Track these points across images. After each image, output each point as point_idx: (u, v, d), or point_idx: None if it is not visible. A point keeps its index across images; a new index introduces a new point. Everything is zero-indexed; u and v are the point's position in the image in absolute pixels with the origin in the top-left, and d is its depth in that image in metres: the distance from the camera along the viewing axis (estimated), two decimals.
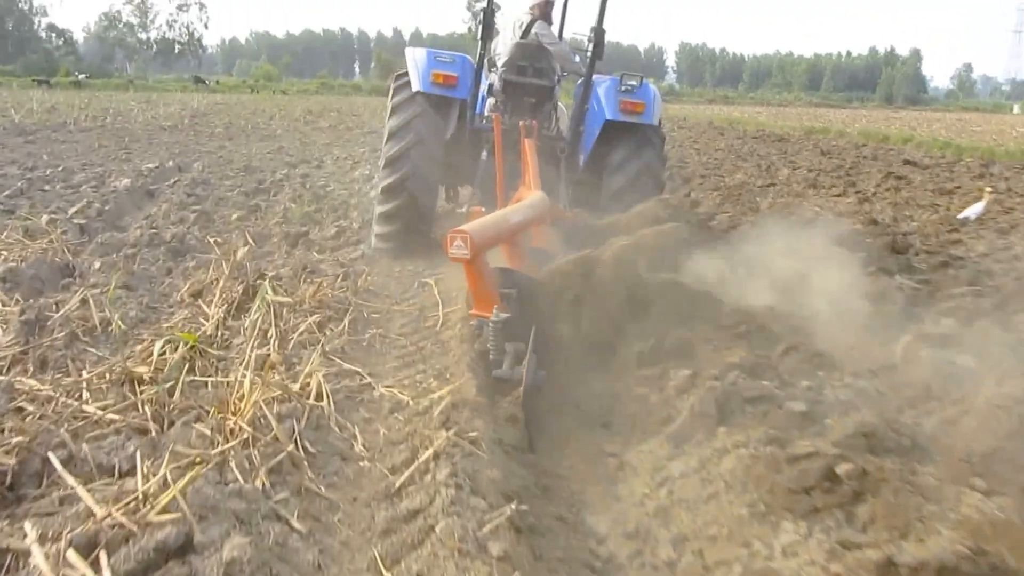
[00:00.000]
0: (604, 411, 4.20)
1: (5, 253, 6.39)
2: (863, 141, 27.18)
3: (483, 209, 5.73)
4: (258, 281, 5.65)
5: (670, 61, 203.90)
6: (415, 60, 7.88)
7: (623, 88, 7.96)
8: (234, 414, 3.59)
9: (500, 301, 4.68)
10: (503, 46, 8.73)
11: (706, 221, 9.47)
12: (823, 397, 3.79)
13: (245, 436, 3.43)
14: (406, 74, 7.98)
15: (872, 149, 23.72)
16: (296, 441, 3.57)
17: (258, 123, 26.38)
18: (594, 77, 8.29)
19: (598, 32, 7.91)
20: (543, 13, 8.60)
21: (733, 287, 5.06)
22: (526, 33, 8.53)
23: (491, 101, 8.72)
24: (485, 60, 8.14)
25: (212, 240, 7.59)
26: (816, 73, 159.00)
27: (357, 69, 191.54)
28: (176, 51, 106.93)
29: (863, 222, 9.62)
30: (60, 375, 4.13)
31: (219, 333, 4.94)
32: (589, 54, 8.12)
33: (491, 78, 8.76)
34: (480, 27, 8.00)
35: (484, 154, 8.23)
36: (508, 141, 7.68)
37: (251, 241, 7.64)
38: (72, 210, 8.66)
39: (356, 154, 17.67)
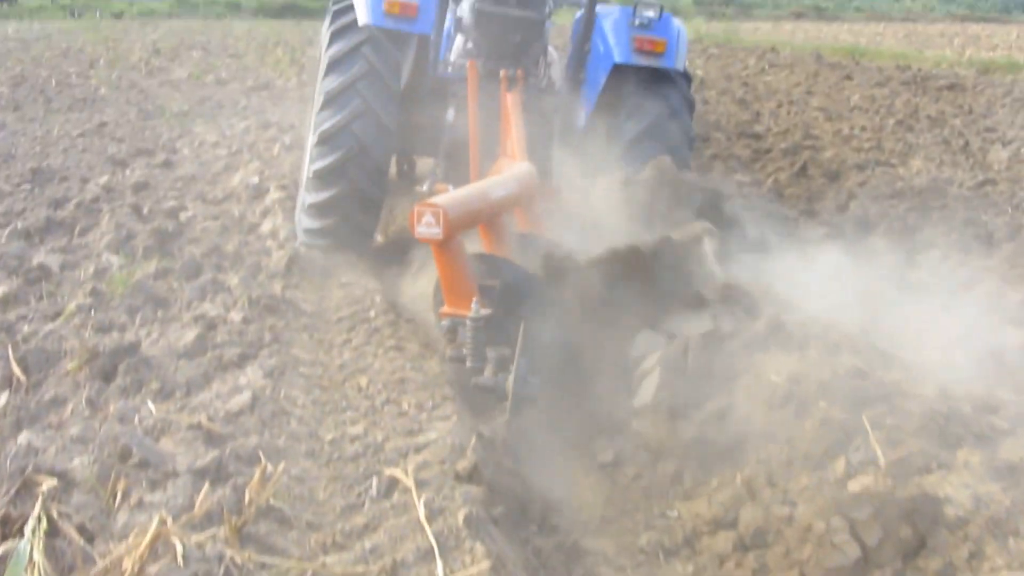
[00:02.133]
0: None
1: None
2: None
3: (449, 187, 6.79)
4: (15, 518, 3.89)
5: None
6: None
7: (636, 22, 8.63)
8: None
9: (479, 295, 5.61)
10: None
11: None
12: None
13: None
14: (348, 7, 8.46)
15: None
16: None
17: (70, 75, 24.88)
18: (598, 8, 9.03)
19: None
20: None
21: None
22: None
23: (460, 40, 9.61)
24: None
25: None
26: None
27: None
28: None
29: None
30: None
31: None
32: None
33: (460, 10, 9.50)
34: None
35: (451, 113, 8.91)
36: (484, 96, 8.38)
37: (16, 372, 5.67)
38: None
39: (235, 132, 16.10)
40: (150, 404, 5.32)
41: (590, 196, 7.93)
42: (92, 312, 7.03)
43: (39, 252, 8.54)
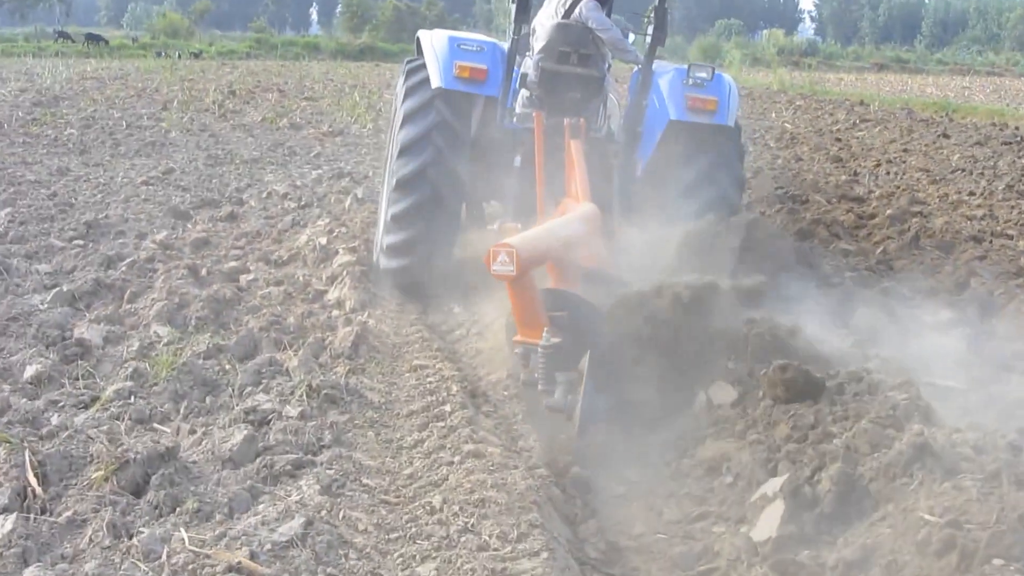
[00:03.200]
0: None
1: None
2: None
3: (518, 226, 7.46)
4: None
5: (806, 3, 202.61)
6: (434, 48, 9.17)
7: (690, 81, 9.29)
8: None
9: (549, 324, 6.20)
10: (541, 27, 9.90)
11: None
12: None
13: None
14: (421, 66, 9.32)
15: None
16: None
17: (141, 116, 24.52)
18: (655, 66, 9.66)
19: (660, 12, 9.37)
20: None
21: None
22: (569, 12, 9.76)
23: (524, 94, 10.05)
24: (518, 46, 9.44)
25: None
26: None
27: (314, 17, 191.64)
28: None
29: None
30: None
31: None
32: (649, 38, 9.58)
33: (525, 67, 10.04)
34: (514, 5, 9.30)
35: (518, 160, 9.53)
36: (549, 144, 8.92)
37: (32, 483, 4.99)
38: None
39: (306, 182, 15.50)
40: (183, 533, 4.45)
41: (649, 237, 8.45)
42: (131, 399, 6.24)
43: (82, 322, 7.76)
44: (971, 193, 16.62)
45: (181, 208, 12.84)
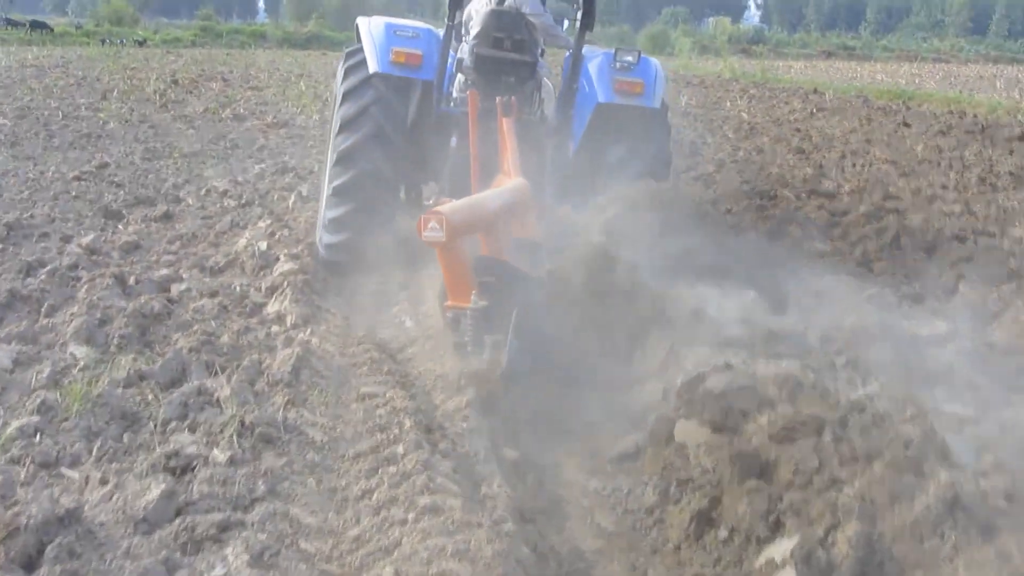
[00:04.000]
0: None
1: None
2: None
3: (449, 201, 7.15)
4: None
5: None
6: (371, 35, 9.57)
7: (618, 65, 9.79)
8: None
9: (478, 290, 6.64)
10: (476, 14, 10.23)
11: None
12: None
13: None
14: (359, 50, 9.67)
15: None
16: None
17: (79, 107, 23.55)
18: (584, 51, 10.04)
19: None
20: None
21: None
22: None
23: (460, 79, 10.37)
24: (453, 32, 9.84)
25: None
26: (981, 9, 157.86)
27: (261, 5, 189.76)
28: None
29: None
30: None
31: None
32: (578, 24, 9.94)
33: (461, 52, 10.30)
34: None
35: (454, 140, 9.78)
36: (483, 125, 9.17)
37: None
38: None
39: (248, 177, 14.75)
40: None
41: (578, 211, 8.94)
42: (37, 437, 5.36)
43: None
44: (944, 187, 16.08)
45: (113, 207, 11.99)
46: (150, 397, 6.05)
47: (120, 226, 11.05)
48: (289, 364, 6.55)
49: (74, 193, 12.77)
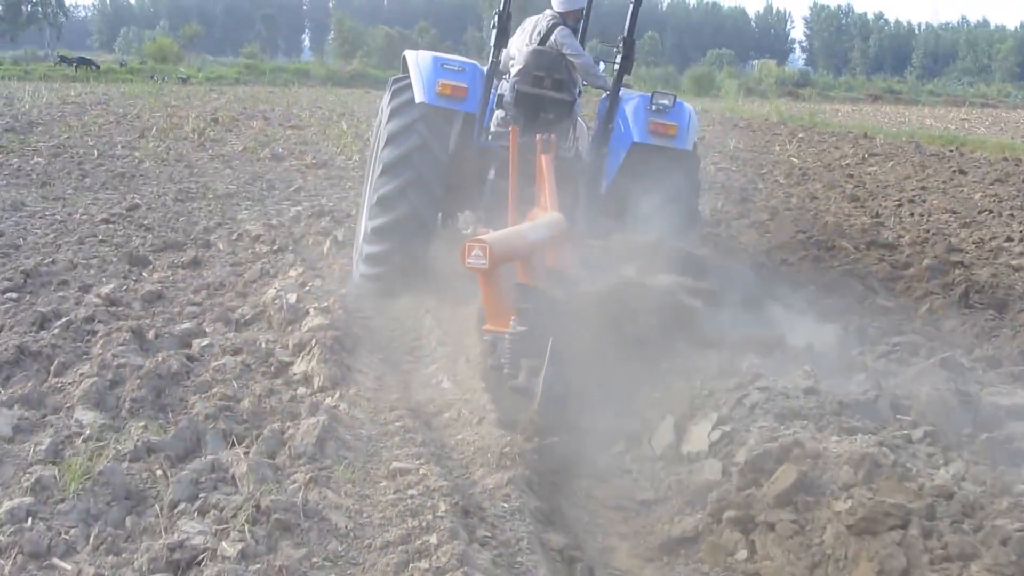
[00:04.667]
0: None
1: None
2: None
3: (490, 231, 7.93)
4: None
5: (796, 33, 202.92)
6: (418, 66, 9.97)
7: (654, 107, 10.19)
8: None
9: (516, 315, 6.92)
10: (518, 52, 10.69)
11: None
12: None
13: None
14: (405, 78, 10.21)
15: None
16: None
17: (115, 145, 23.28)
18: (621, 92, 10.46)
19: (628, 43, 10.16)
20: (568, 18, 10.71)
21: None
22: (545, 39, 10.59)
23: (499, 114, 10.74)
24: (496, 68, 10.24)
25: None
26: None
27: (306, 42, 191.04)
28: (24, 15, 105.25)
29: None
30: None
31: None
32: (617, 67, 10.31)
33: (502, 88, 10.72)
34: (494, 31, 10.07)
35: (492, 173, 10.24)
36: (521, 159, 9.46)
37: None
38: None
39: (283, 220, 14.23)
40: None
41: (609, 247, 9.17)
42: (27, 523, 4.81)
43: None
44: (1009, 239, 15.47)
45: (139, 252, 11.55)
46: (159, 473, 5.49)
47: (145, 273, 10.61)
48: (314, 435, 5.96)
49: (100, 237, 12.36)
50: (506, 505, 5.52)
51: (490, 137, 10.65)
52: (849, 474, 5.30)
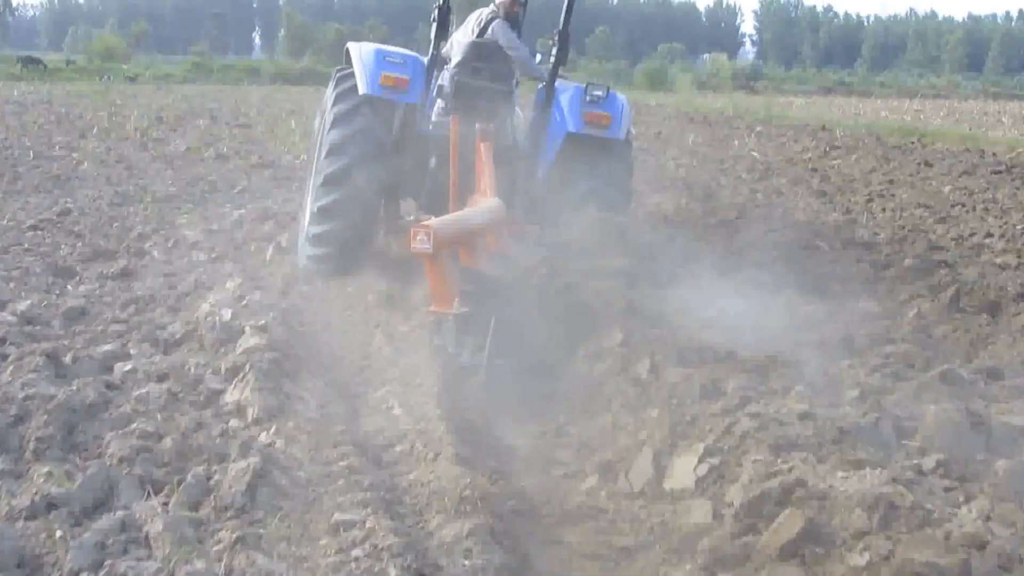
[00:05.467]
0: None
1: None
2: None
3: (432, 218, 7.96)
4: None
5: (747, 27, 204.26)
6: (361, 59, 10.53)
7: (588, 98, 10.75)
8: None
9: (459, 298, 7.35)
10: (458, 44, 11.30)
11: None
12: None
13: None
14: (349, 68, 10.78)
15: None
16: None
17: (54, 145, 22.59)
18: (557, 83, 11.11)
19: (563, 36, 10.84)
20: (506, 12, 11.47)
21: None
22: (483, 32, 11.32)
23: (439, 104, 11.28)
24: (436, 60, 11.11)
25: None
26: (976, 45, 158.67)
27: (257, 40, 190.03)
28: None
29: None
30: None
31: None
32: (552, 58, 11.03)
33: (442, 79, 11.24)
34: (434, 24, 10.95)
35: (432, 161, 10.86)
36: (461, 148, 10.04)
37: None
38: None
39: (224, 225, 13.62)
40: None
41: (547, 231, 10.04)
42: None
43: None
44: (988, 235, 15.06)
45: (66, 263, 10.82)
46: (59, 534, 4.64)
47: (69, 286, 9.83)
48: (244, 481, 5.13)
49: (26, 245, 11.60)
50: (467, 563, 4.73)
51: (431, 127, 11.14)
52: (862, 519, 4.60)
